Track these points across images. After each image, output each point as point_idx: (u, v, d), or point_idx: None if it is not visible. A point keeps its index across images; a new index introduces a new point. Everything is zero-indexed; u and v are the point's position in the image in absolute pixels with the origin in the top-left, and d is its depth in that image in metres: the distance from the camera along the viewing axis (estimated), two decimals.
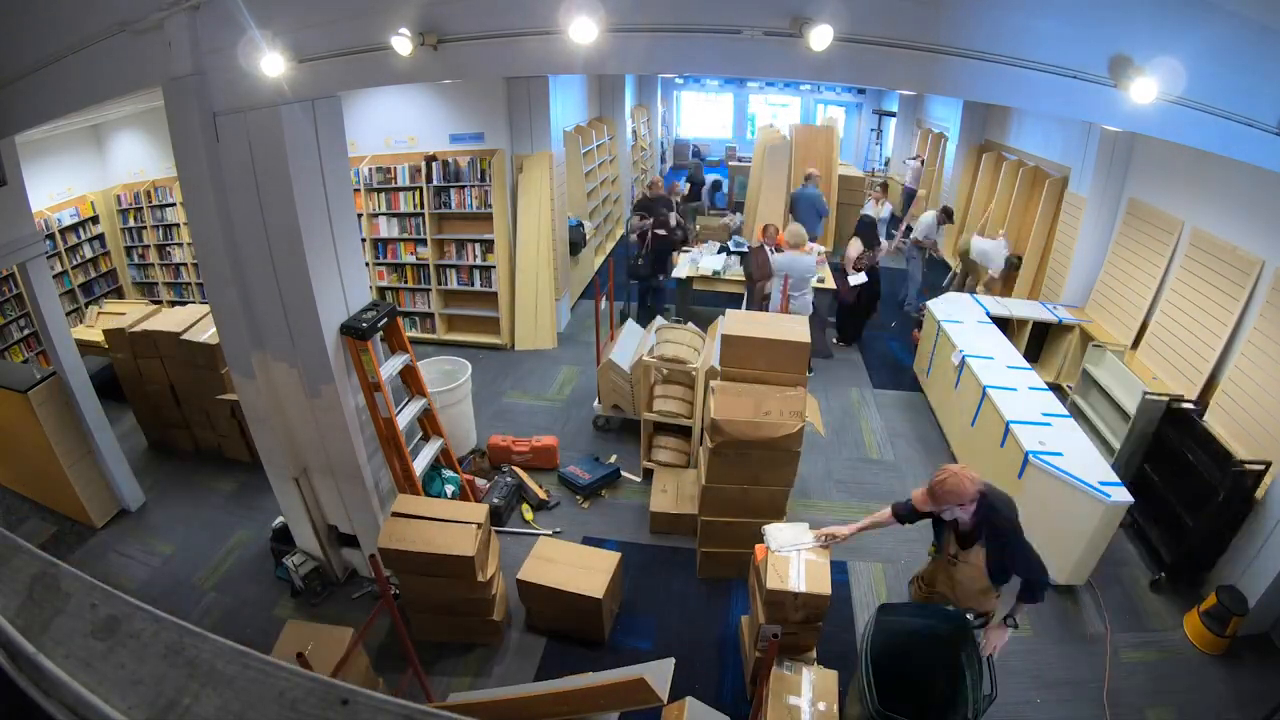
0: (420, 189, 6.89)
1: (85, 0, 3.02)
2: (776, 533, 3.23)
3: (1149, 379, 5.31)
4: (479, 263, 7.13)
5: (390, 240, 7.22)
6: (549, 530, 4.68)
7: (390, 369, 3.80)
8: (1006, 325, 6.29)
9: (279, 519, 4.30)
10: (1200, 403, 4.76)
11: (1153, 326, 5.57)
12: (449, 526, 3.54)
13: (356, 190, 6.87)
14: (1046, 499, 4.07)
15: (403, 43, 2.53)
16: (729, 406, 3.76)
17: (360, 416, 3.73)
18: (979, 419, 5.00)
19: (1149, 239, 5.86)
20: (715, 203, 11.97)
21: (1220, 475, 4.01)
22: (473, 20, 2.58)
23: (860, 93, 16.01)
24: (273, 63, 2.68)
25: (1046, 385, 5.05)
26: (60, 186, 7.55)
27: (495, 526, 4.40)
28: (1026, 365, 5.35)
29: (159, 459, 5.63)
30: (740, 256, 7.64)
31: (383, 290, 7.41)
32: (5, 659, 0.83)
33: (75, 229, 7.77)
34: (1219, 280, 4.92)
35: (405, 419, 3.91)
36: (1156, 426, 4.61)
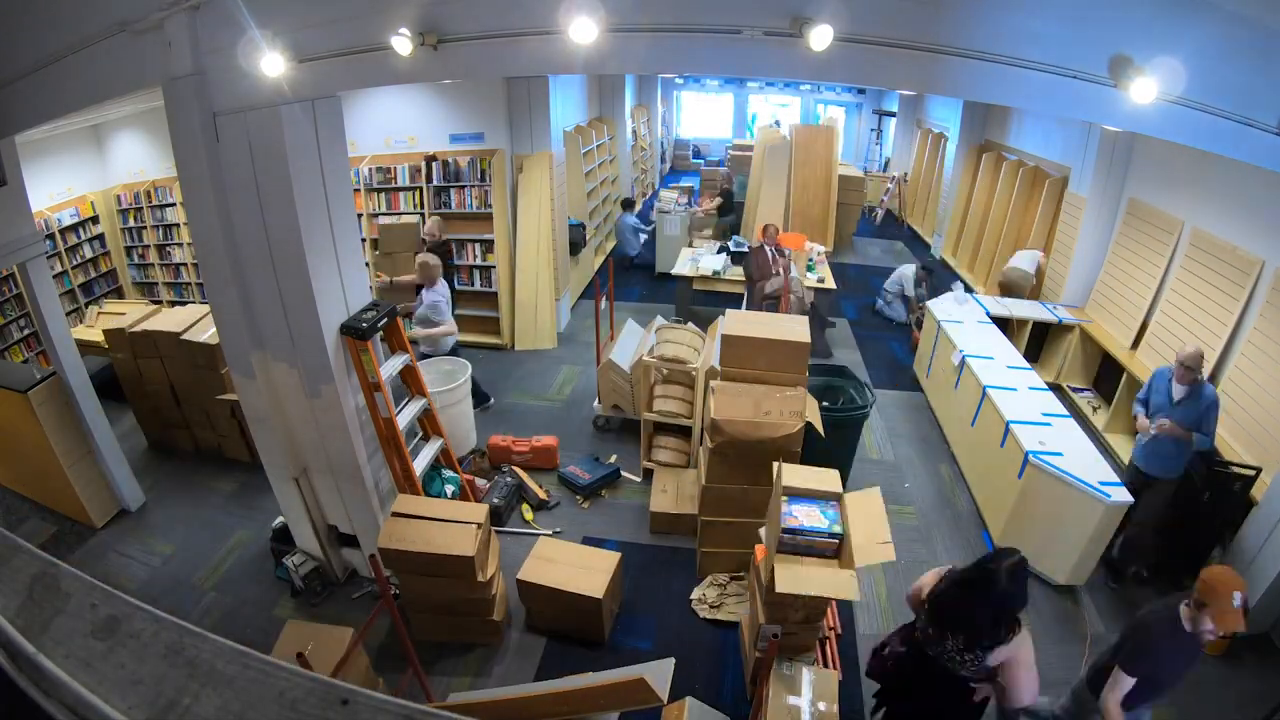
0: (420, 189, 6.90)
1: (85, 0, 3.02)
2: None
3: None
4: (479, 263, 7.13)
5: None
6: (549, 530, 4.68)
7: (390, 369, 3.80)
8: (1006, 325, 6.29)
9: (279, 519, 4.30)
10: None
11: (1153, 326, 5.57)
12: (449, 526, 3.54)
13: (356, 190, 6.87)
14: (1046, 499, 4.08)
15: (403, 43, 2.53)
16: (729, 406, 3.76)
17: (360, 416, 3.73)
18: (979, 419, 5.00)
19: (1149, 239, 5.86)
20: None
21: (1207, 476, 4.01)
22: (473, 20, 2.58)
23: (860, 93, 16.02)
24: (273, 63, 2.68)
25: (1046, 385, 5.05)
26: (60, 186, 7.55)
27: (495, 526, 4.40)
28: (1026, 365, 5.35)
29: (159, 459, 5.63)
30: (740, 256, 7.65)
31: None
32: (5, 659, 0.83)
33: (75, 229, 7.77)
34: (1219, 280, 4.92)
35: (405, 419, 3.91)
36: None
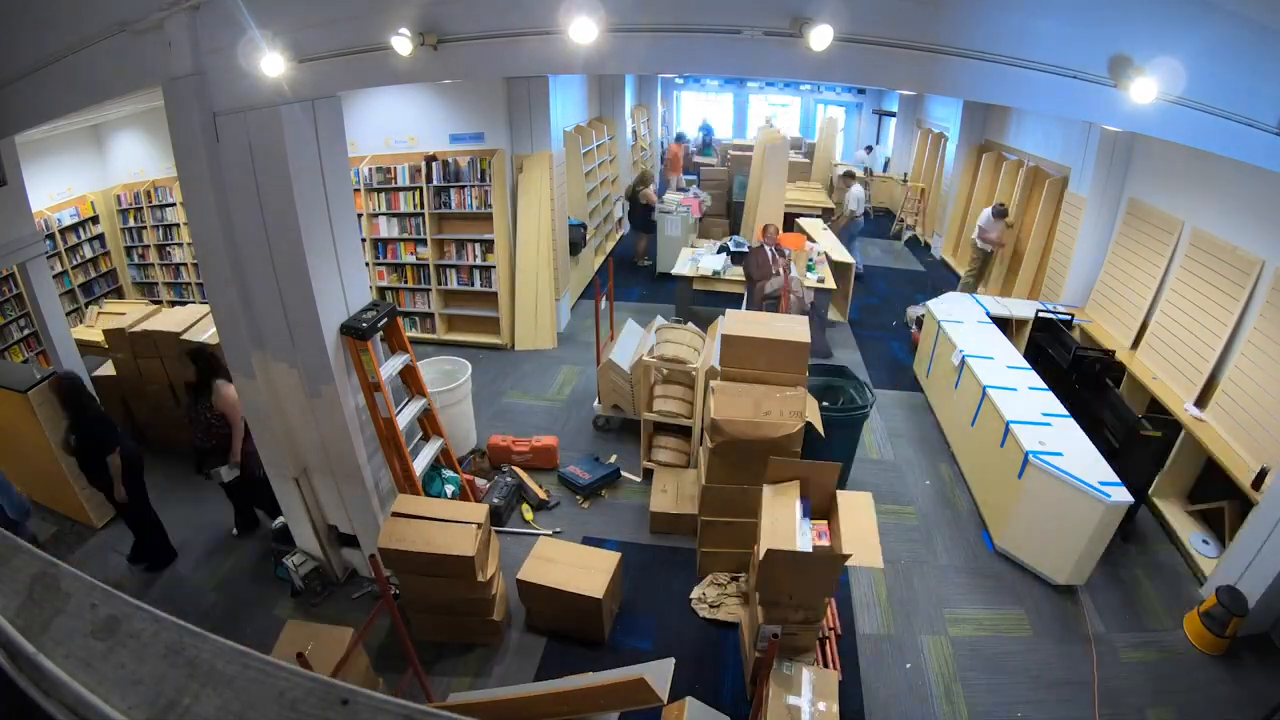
0: (420, 189, 6.89)
1: (85, 0, 3.02)
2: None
3: (1149, 379, 5.31)
4: (479, 263, 7.13)
5: (390, 240, 7.22)
6: (549, 530, 4.68)
7: (390, 369, 3.80)
8: (1006, 325, 6.29)
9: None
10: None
11: (1153, 326, 5.57)
12: (449, 526, 3.54)
13: (356, 190, 6.87)
14: (1046, 499, 4.08)
15: (403, 43, 2.53)
16: (729, 406, 3.77)
17: (360, 416, 3.73)
18: (979, 419, 5.00)
19: (1149, 239, 5.86)
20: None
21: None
22: (473, 20, 2.58)
23: (860, 93, 16.00)
24: (273, 63, 2.68)
25: (1046, 385, 5.05)
26: (60, 186, 7.56)
27: (495, 526, 4.40)
28: (1026, 365, 5.35)
29: (159, 459, 5.62)
30: (740, 257, 7.64)
31: (383, 290, 7.41)
32: (5, 659, 0.83)
33: (75, 229, 7.77)
34: (1219, 280, 4.91)
35: (405, 419, 3.91)
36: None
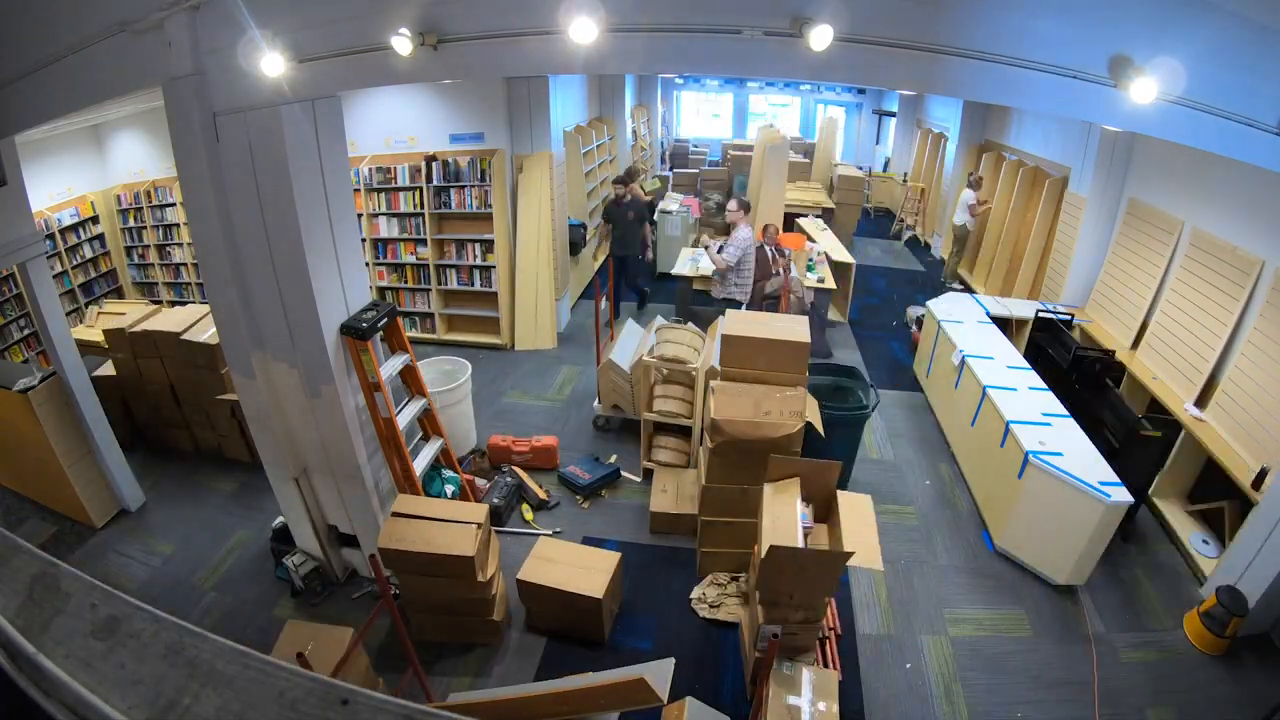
0: (420, 189, 6.89)
1: (85, 0, 3.02)
2: None
3: (1149, 379, 5.31)
4: (479, 263, 7.13)
5: (390, 240, 7.22)
6: (549, 530, 4.68)
7: (390, 369, 3.80)
8: (1006, 325, 6.29)
9: (279, 519, 4.30)
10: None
11: (1153, 326, 5.57)
12: (449, 526, 3.54)
13: (356, 190, 6.87)
14: (1046, 499, 4.08)
15: (403, 43, 2.53)
16: (729, 406, 3.76)
17: (360, 416, 3.73)
18: (979, 419, 5.00)
19: (1149, 239, 5.86)
20: None
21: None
22: (473, 20, 2.58)
23: (860, 93, 15.99)
24: (273, 63, 2.68)
25: (1046, 385, 5.05)
26: (60, 186, 7.55)
27: (495, 526, 4.40)
28: (1026, 365, 5.35)
29: (159, 459, 5.63)
30: None
31: (383, 290, 7.41)
32: (5, 659, 0.83)
33: (75, 229, 7.76)
34: (1219, 280, 4.91)
35: (405, 419, 3.91)
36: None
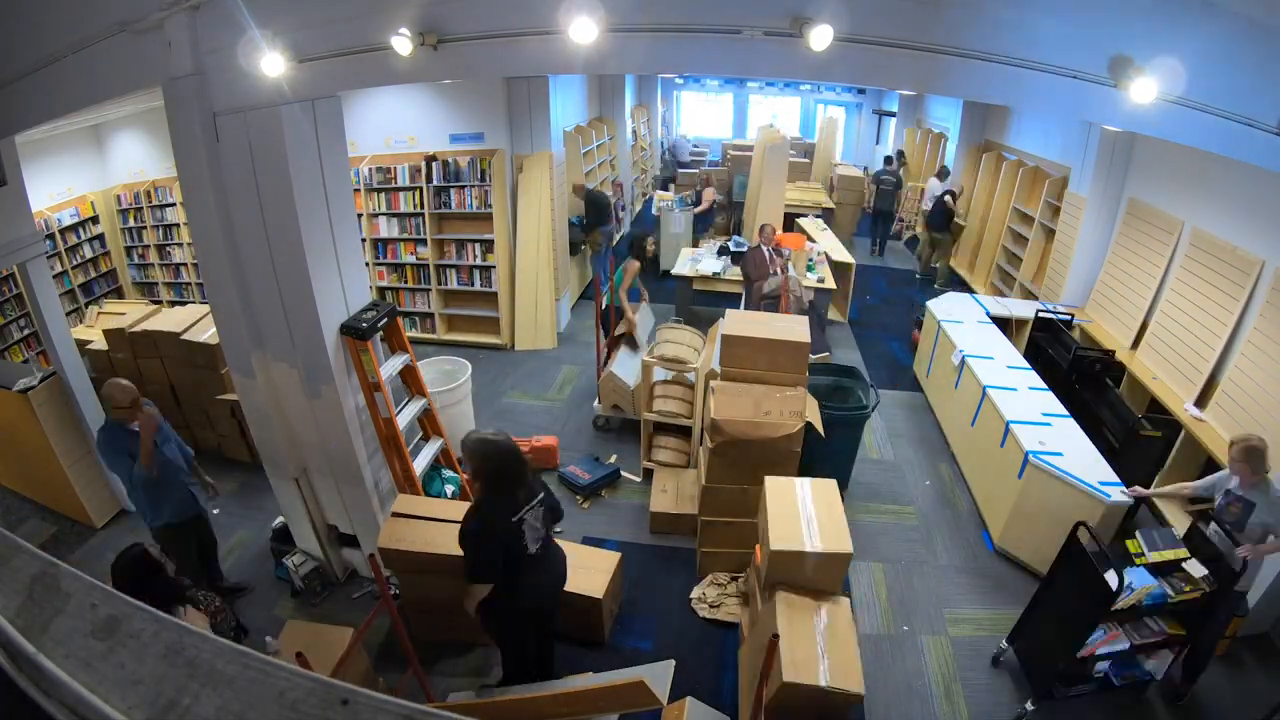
0: (420, 189, 6.89)
1: (85, 0, 3.02)
2: None
3: (1149, 379, 5.31)
4: (479, 263, 7.13)
5: (390, 240, 7.22)
6: None
7: (390, 369, 3.80)
8: (1006, 325, 6.29)
9: (279, 519, 4.30)
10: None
11: (1152, 326, 5.57)
12: (449, 526, 3.52)
13: (356, 190, 6.87)
14: (1046, 499, 4.07)
15: (403, 43, 2.53)
16: (729, 406, 3.76)
17: (360, 416, 3.73)
18: (979, 419, 5.00)
19: (1149, 239, 5.86)
20: None
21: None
22: (473, 20, 2.58)
23: (860, 93, 16.00)
24: (273, 63, 2.68)
25: (1046, 385, 5.05)
26: (60, 186, 7.55)
27: None
28: (1026, 365, 5.35)
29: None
30: (739, 257, 7.65)
31: (383, 290, 7.41)
32: (5, 659, 0.83)
33: (75, 229, 7.77)
34: (1219, 280, 4.92)
35: (405, 419, 3.91)
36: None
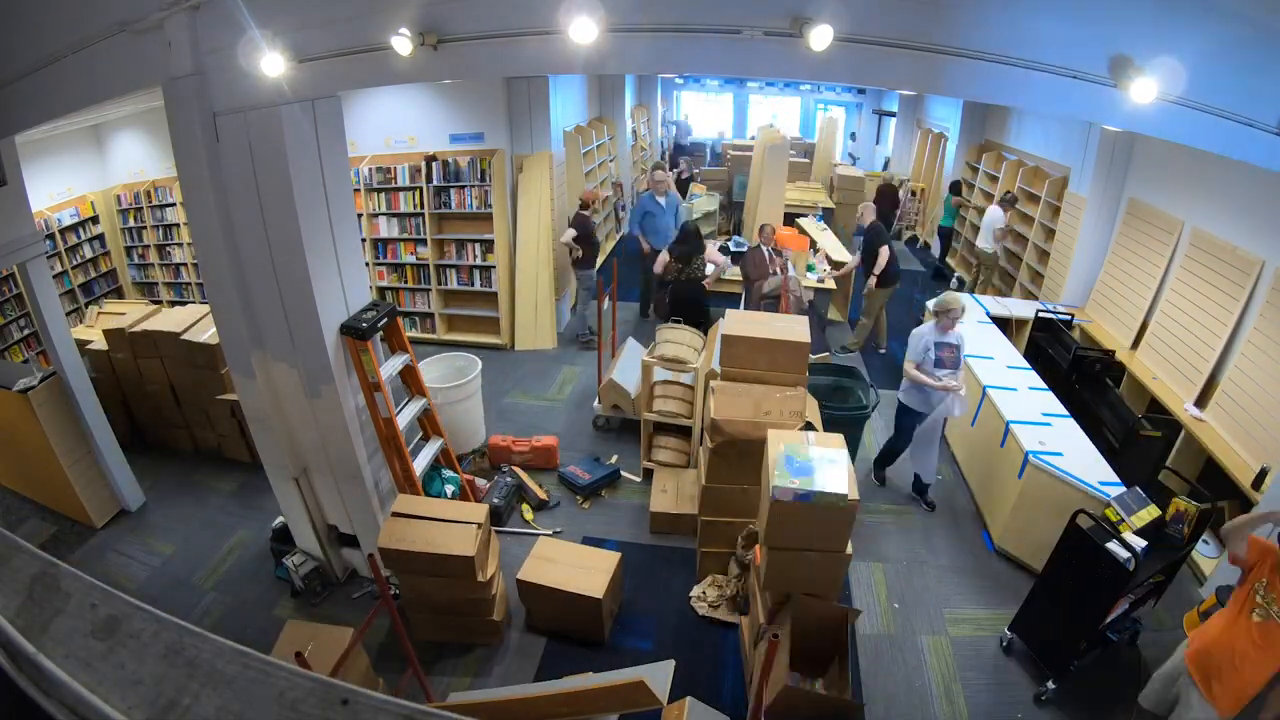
0: (420, 189, 6.89)
1: (85, 0, 3.02)
2: None
3: (1149, 379, 5.31)
4: (479, 263, 7.13)
5: (390, 240, 7.22)
6: (549, 530, 4.68)
7: (390, 369, 3.80)
8: (1006, 325, 6.29)
9: (279, 519, 4.30)
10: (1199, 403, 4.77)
11: (1153, 326, 5.57)
12: (449, 526, 3.54)
13: (356, 190, 6.87)
14: (1046, 499, 4.07)
15: (403, 43, 2.53)
16: (729, 406, 3.76)
17: (360, 416, 3.73)
18: (979, 419, 5.00)
19: (1149, 239, 5.86)
20: None
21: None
22: (473, 20, 2.58)
23: (860, 93, 15.99)
24: (273, 63, 2.68)
25: (1046, 385, 5.05)
26: (60, 186, 7.55)
27: (495, 526, 4.40)
28: (1026, 365, 5.35)
29: (159, 459, 5.63)
30: (739, 257, 7.65)
31: (383, 290, 7.41)
32: (5, 659, 0.83)
33: (75, 229, 7.77)
34: (1219, 280, 4.92)
35: (405, 419, 3.91)
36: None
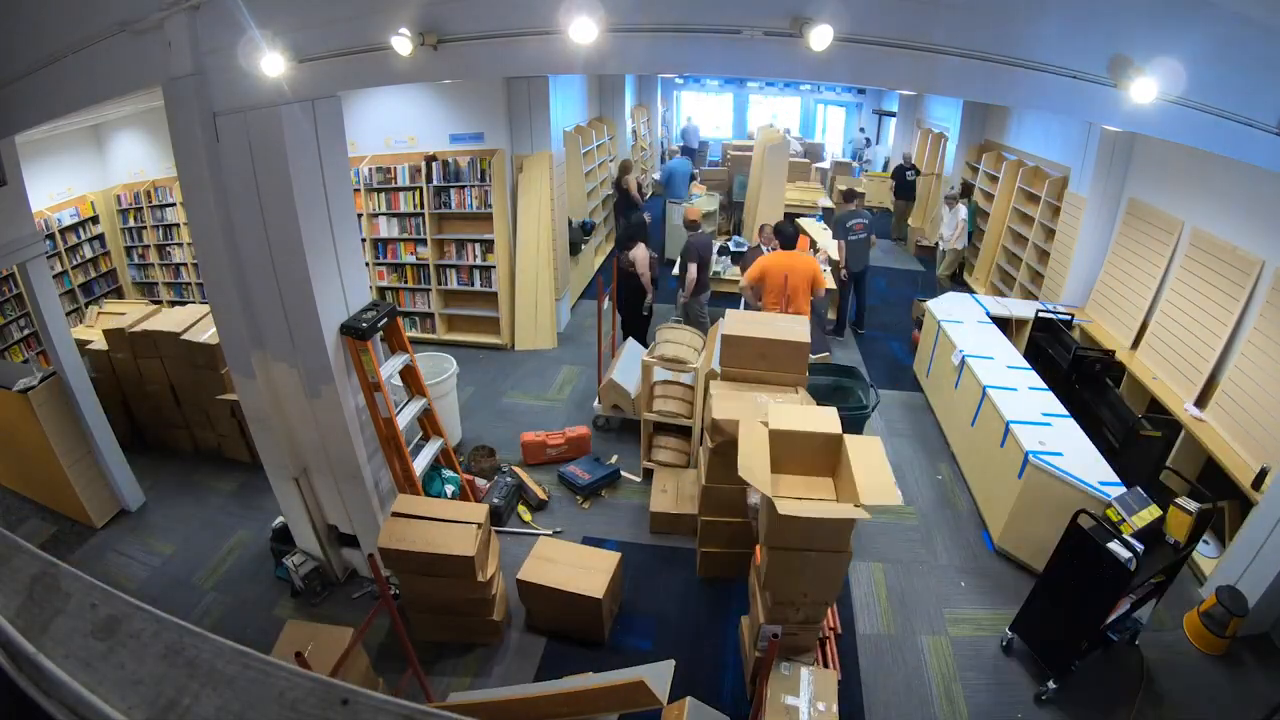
0: (420, 189, 6.89)
1: (85, 0, 3.02)
2: None
3: (1149, 379, 5.31)
4: (479, 263, 7.13)
5: (390, 240, 7.22)
6: (549, 530, 4.68)
7: (390, 369, 3.80)
8: (1006, 325, 6.29)
9: (279, 519, 4.30)
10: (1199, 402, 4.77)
11: (1153, 326, 5.57)
12: (449, 526, 3.54)
13: (356, 190, 6.87)
14: (1046, 499, 4.07)
15: (403, 43, 2.53)
16: (729, 407, 3.76)
17: (360, 416, 3.73)
18: (979, 419, 5.00)
19: (1149, 239, 5.86)
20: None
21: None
22: (473, 20, 2.58)
23: (860, 93, 16.01)
24: (273, 63, 2.68)
25: (1046, 385, 5.05)
26: (60, 186, 7.55)
27: (495, 526, 4.40)
28: (1026, 365, 5.35)
29: (159, 459, 5.63)
30: (739, 257, 7.66)
31: (383, 290, 7.41)
32: (5, 659, 0.83)
33: (75, 229, 7.77)
34: (1219, 280, 4.92)
35: (405, 419, 3.91)
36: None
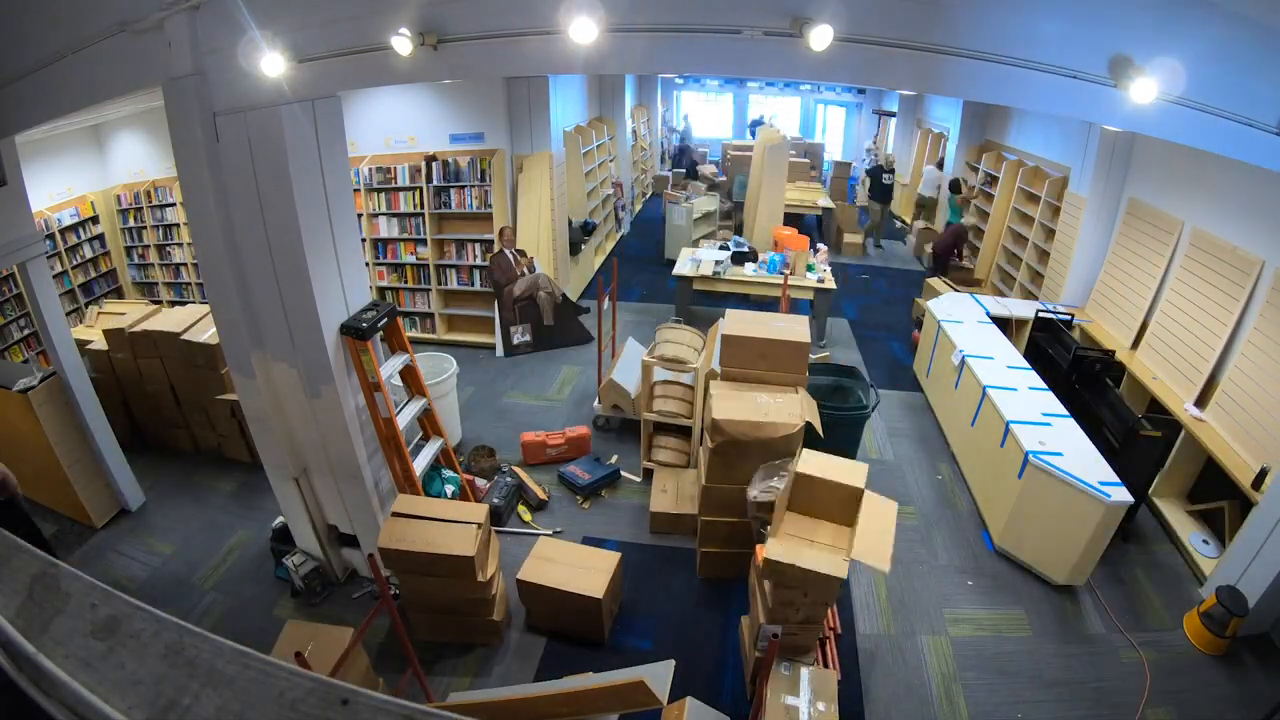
0: (420, 189, 6.89)
1: (85, 0, 3.02)
2: None
3: (1149, 379, 5.31)
4: (479, 263, 7.13)
5: (390, 240, 7.22)
6: (549, 530, 4.68)
7: (390, 369, 3.80)
8: (1006, 325, 6.29)
9: (279, 519, 4.30)
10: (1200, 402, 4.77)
11: (1152, 326, 5.57)
12: (449, 526, 3.54)
13: (356, 190, 6.87)
14: (1046, 499, 4.08)
15: (403, 43, 2.53)
16: (729, 407, 3.77)
17: (360, 416, 3.73)
18: (979, 419, 5.00)
19: (1149, 239, 5.86)
20: None
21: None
22: (473, 20, 2.58)
23: (860, 93, 16.01)
24: (273, 63, 2.68)
25: (1046, 385, 5.05)
26: (60, 186, 7.55)
27: (495, 526, 4.40)
28: (1026, 365, 5.35)
29: (159, 459, 5.63)
30: (740, 257, 7.66)
31: (383, 290, 7.42)
32: (5, 659, 0.83)
33: (75, 229, 7.77)
34: (1219, 280, 4.92)
35: (405, 419, 3.91)
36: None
